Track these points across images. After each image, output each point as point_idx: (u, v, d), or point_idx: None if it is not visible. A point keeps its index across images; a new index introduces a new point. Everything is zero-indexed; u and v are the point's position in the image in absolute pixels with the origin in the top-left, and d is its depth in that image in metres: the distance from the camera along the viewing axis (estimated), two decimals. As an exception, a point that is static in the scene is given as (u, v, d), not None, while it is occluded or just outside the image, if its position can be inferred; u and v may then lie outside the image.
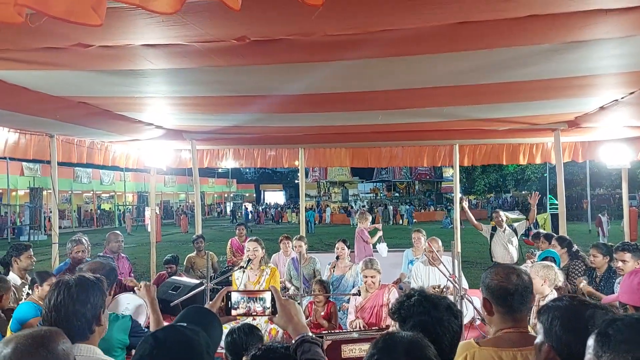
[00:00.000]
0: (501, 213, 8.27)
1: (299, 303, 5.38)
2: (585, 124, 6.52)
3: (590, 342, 1.30)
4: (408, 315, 1.88)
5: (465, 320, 4.41)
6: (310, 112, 5.74)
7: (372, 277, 4.88)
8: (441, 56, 3.55)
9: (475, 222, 8.23)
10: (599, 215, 21.55)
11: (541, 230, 7.74)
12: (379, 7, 2.52)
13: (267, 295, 1.89)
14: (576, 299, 1.77)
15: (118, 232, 6.88)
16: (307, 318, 5.23)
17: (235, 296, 1.90)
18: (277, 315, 1.86)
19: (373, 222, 9.27)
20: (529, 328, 2.27)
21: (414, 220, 36.90)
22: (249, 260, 5.05)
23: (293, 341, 1.79)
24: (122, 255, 6.68)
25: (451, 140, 8.22)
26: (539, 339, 1.69)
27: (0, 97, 4.47)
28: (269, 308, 1.88)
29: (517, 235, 7.98)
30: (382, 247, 7.74)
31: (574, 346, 1.51)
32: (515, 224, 8.16)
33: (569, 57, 3.59)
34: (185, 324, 1.44)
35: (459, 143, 8.37)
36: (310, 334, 1.81)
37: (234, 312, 1.89)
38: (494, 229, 8.21)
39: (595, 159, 8.50)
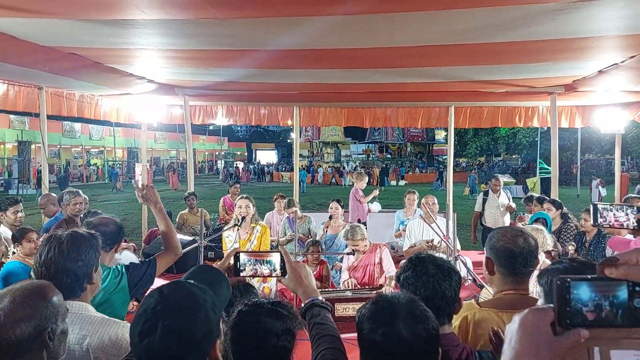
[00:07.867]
0: (501, 180, 8.25)
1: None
2: (582, 87, 6.47)
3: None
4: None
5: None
6: (306, 68, 5.63)
7: (355, 245, 4.89)
8: (442, 13, 3.44)
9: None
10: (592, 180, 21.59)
11: (533, 194, 7.77)
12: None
13: (276, 257, 1.82)
14: (576, 260, 1.77)
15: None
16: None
17: (242, 257, 1.84)
18: (286, 277, 1.81)
19: (369, 183, 9.45)
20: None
21: (405, 182, 37.10)
22: (243, 218, 5.04)
23: (303, 304, 1.76)
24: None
25: (447, 102, 8.13)
26: (540, 302, 1.68)
27: (-14, 46, 4.34)
28: (276, 270, 1.82)
29: (510, 201, 8.07)
30: (374, 206, 8.44)
31: None
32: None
33: (574, 17, 3.49)
34: (192, 281, 1.41)
35: (455, 105, 8.27)
36: (321, 297, 1.77)
37: (242, 274, 1.84)
38: (485, 193, 8.30)
39: (590, 124, 8.48)
